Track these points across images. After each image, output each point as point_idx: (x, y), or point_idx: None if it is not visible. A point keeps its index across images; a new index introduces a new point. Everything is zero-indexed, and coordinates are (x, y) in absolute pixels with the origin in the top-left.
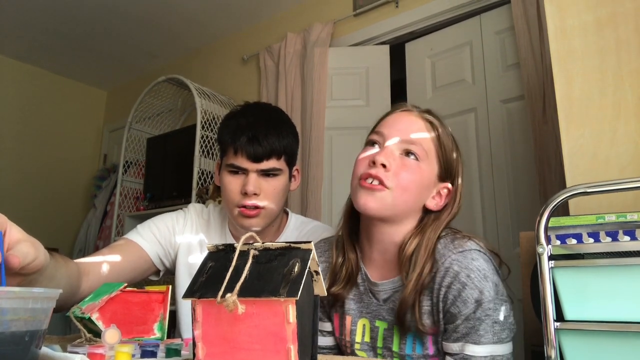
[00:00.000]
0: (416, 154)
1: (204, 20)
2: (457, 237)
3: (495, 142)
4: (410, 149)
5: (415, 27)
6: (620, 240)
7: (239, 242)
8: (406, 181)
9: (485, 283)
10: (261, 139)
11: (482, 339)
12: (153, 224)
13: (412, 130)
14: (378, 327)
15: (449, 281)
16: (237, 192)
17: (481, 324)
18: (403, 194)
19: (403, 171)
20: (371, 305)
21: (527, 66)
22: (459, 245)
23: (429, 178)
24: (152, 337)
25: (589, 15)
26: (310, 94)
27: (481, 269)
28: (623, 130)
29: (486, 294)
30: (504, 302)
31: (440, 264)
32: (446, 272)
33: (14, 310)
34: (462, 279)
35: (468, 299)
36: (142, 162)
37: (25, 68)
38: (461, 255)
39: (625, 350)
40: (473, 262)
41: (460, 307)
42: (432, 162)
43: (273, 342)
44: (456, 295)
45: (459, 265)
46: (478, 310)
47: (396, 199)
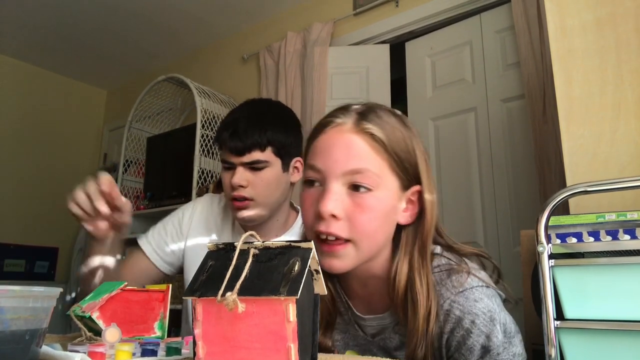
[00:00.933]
0: (366, 185)
1: (204, 19)
2: (454, 269)
3: (495, 141)
4: (357, 180)
5: (415, 26)
6: (621, 239)
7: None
8: (366, 225)
9: (492, 327)
10: (241, 134)
11: None
12: (161, 227)
13: (351, 157)
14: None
15: (450, 327)
16: (228, 186)
17: None
18: (368, 239)
19: (358, 214)
20: (358, 338)
21: (527, 65)
22: (458, 284)
23: (391, 200)
24: (152, 336)
25: (589, 15)
26: (311, 93)
27: (486, 312)
28: (623, 129)
29: (494, 340)
30: (513, 337)
31: (439, 306)
32: (447, 317)
33: (14, 309)
34: (465, 326)
35: (474, 346)
36: (142, 161)
37: (25, 67)
38: (462, 297)
39: (625, 349)
40: (476, 304)
41: (467, 355)
42: (389, 179)
43: (273, 341)
44: (460, 342)
45: (461, 310)
46: (486, 357)
47: (362, 248)
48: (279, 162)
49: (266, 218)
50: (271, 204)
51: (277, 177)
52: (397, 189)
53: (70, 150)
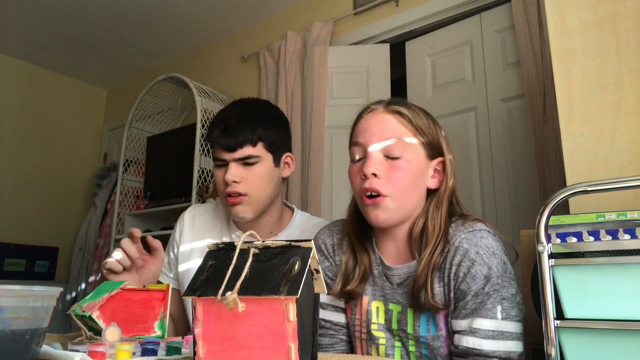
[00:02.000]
0: (398, 154)
1: (204, 18)
2: (468, 219)
3: (495, 140)
4: (391, 151)
5: (415, 25)
6: (621, 238)
7: (244, 232)
8: (401, 182)
9: (493, 259)
10: (232, 130)
11: (490, 312)
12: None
13: (385, 130)
14: (392, 310)
15: (459, 259)
16: (222, 183)
17: (489, 298)
18: (403, 194)
19: (394, 173)
20: (385, 289)
21: (528, 65)
22: (469, 226)
23: (420, 165)
24: (152, 335)
25: (589, 14)
26: (311, 93)
27: (489, 247)
28: (623, 129)
29: (494, 269)
30: (512, 280)
31: (452, 244)
32: (456, 251)
33: (15, 308)
34: (471, 256)
35: (477, 274)
36: (143, 161)
37: (25, 66)
38: (470, 234)
39: (625, 348)
40: (482, 240)
41: (470, 283)
42: (416, 148)
43: (273, 340)
44: (466, 272)
45: (468, 243)
46: (486, 285)
47: (399, 201)
48: (270, 157)
49: (260, 213)
50: (265, 198)
51: (270, 171)
52: (424, 156)
53: (70, 150)
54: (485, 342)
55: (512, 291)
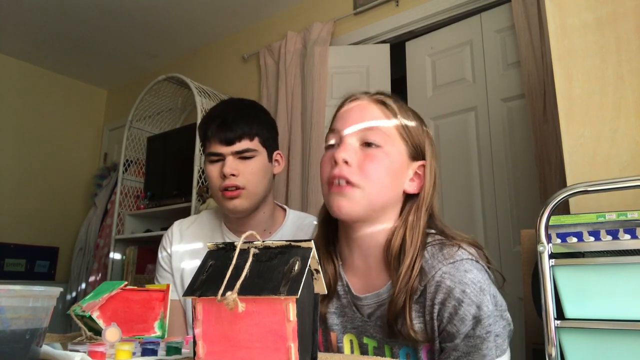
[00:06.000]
0: (376, 142)
1: (204, 19)
2: (446, 244)
3: (495, 140)
4: (369, 137)
5: (415, 25)
6: (621, 238)
7: (237, 235)
8: (374, 173)
9: (482, 297)
10: (230, 123)
11: (487, 357)
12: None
13: (366, 118)
14: (367, 345)
15: (442, 297)
16: (217, 177)
17: (483, 342)
18: (374, 186)
19: (367, 162)
20: (355, 320)
21: (528, 65)
22: (449, 256)
23: (399, 161)
24: (152, 335)
25: (589, 14)
26: (311, 93)
27: (476, 282)
28: (623, 129)
29: (485, 309)
30: (503, 311)
31: (430, 277)
32: (438, 288)
33: (15, 308)
34: (456, 295)
35: (466, 316)
36: (143, 161)
37: (25, 67)
38: (452, 267)
39: (625, 348)
40: (467, 274)
41: (458, 325)
42: (397, 142)
43: (273, 340)
44: (452, 313)
45: (452, 280)
46: (477, 327)
47: (369, 195)
48: (264, 152)
49: (254, 208)
50: (260, 192)
51: (265, 166)
52: (405, 154)
53: (70, 150)
54: None
55: (503, 323)
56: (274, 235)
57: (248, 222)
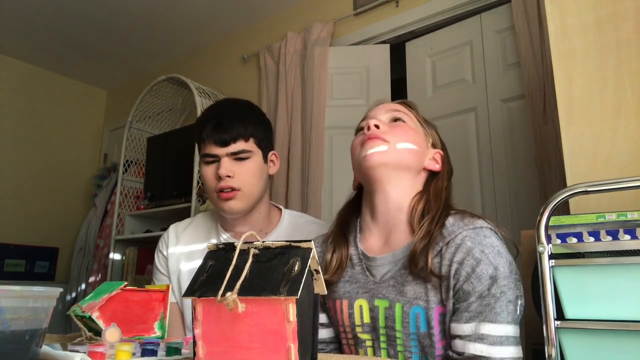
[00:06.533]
0: (403, 118)
1: (204, 19)
2: (466, 215)
3: (495, 141)
4: (396, 115)
5: (415, 26)
6: (621, 239)
7: (233, 236)
8: (402, 135)
9: (499, 259)
10: (225, 124)
11: (499, 317)
12: (156, 272)
13: (393, 107)
14: (378, 307)
15: (461, 257)
16: (212, 179)
17: (497, 301)
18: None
19: (395, 128)
20: (368, 284)
21: (528, 65)
22: (470, 223)
23: (421, 138)
24: (152, 336)
25: (589, 15)
26: (311, 93)
27: (494, 245)
28: (623, 129)
29: (501, 269)
30: (518, 280)
31: (451, 240)
32: (458, 248)
33: (15, 309)
34: (476, 255)
35: (483, 274)
36: (143, 162)
37: (25, 67)
38: (473, 232)
39: (626, 349)
40: (486, 238)
41: (475, 283)
42: (419, 130)
43: (273, 340)
44: (470, 271)
45: (472, 241)
46: (493, 286)
47: (397, 149)
48: (260, 153)
49: (250, 209)
50: (255, 194)
51: (260, 167)
52: (425, 140)
53: (70, 150)
54: (494, 350)
55: (517, 293)
56: (270, 236)
57: (244, 222)
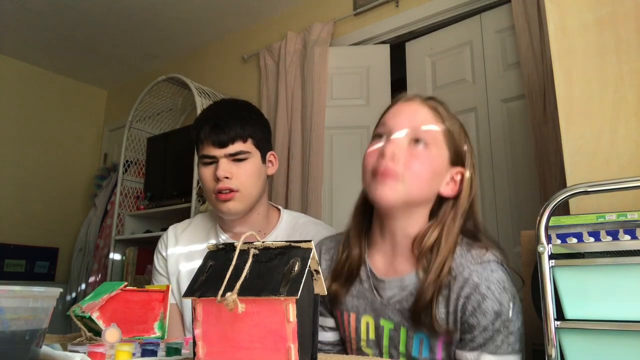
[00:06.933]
0: (424, 140)
1: (204, 19)
2: (474, 246)
3: (495, 141)
4: (418, 136)
5: (415, 26)
6: (621, 239)
7: (232, 237)
8: (418, 170)
9: (504, 295)
10: (223, 125)
11: (499, 349)
12: (155, 273)
13: (417, 118)
14: (383, 327)
15: (468, 292)
16: (211, 180)
17: (498, 335)
18: (416, 182)
19: (413, 160)
20: (375, 303)
21: (528, 65)
22: (478, 257)
23: (440, 164)
24: (152, 336)
25: (589, 15)
26: (311, 94)
27: (500, 281)
28: (623, 129)
29: (505, 305)
30: (520, 313)
31: (459, 274)
32: (465, 283)
33: (15, 309)
34: (482, 291)
35: (488, 310)
36: (143, 162)
37: (25, 67)
38: (480, 267)
39: (626, 349)
40: (493, 274)
41: (480, 318)
42: (442, 147)
43: (273, 340)
44: (475, 306)
45: (479, 277)
46: (497, 321)
47: (410, 188)
48: (258, 154)
49: (249, 210)
50: (254, 195)
51: (258, 168)
52: (446, 160)
53: (70, 150)
54: None
55: (518, 324)
56: (268, 236)
57: (242, 223)
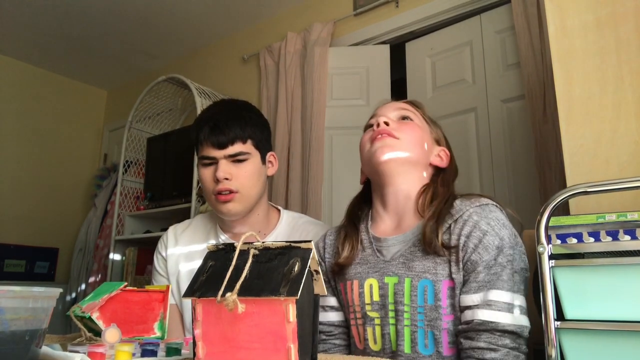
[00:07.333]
0: (410, 117)
1: (204, 19)
2: (473, 195)
3: (495, 141)
4: (404, 113)
5: (415, 26)
6: (621, 239)
7: (232, 237)
8: (410, 133)
9: (504, 230)
10: (222, 127)
11: (506, 284)
12: (155, 273)
13: (400, 106)
14: (387, 284)
15: (468, 230)
16: (210, 181)
17: (503, 270)
18: (410, 141)
19: (403, 127)
20: (378, 264)
21: (528, 66)
22: (476, 201)
23: (428, 135)
24: (152, 336)
25: (589, 15)
26: (311, 94)
27: (500, 219)
28: (623, 129)
29: (506, 239)
30: (523, 253)
31: (459, 217)
32: (465, 222)
33: (14, 309)
34: (482, 227)
35: (489, 245)
36: (143, 162)
37: (25, 67)
38: (479, 208)
39: (626, 350)
40: (492, 212)
41: (482, 253)
42: (425, 128)
43: (273, 341)
44: (477, 242)
45: (479, 216)
46: (499, 256)
47: (407, 145)
48: (258, 155)
49: (249, 211)
50: (254, 196)
51: (258, 168)
52: (431, 137)
53: (70, 150)
54: (501, 315)
55: (522, 265)
56: (268, 237)
57: (242, 224)
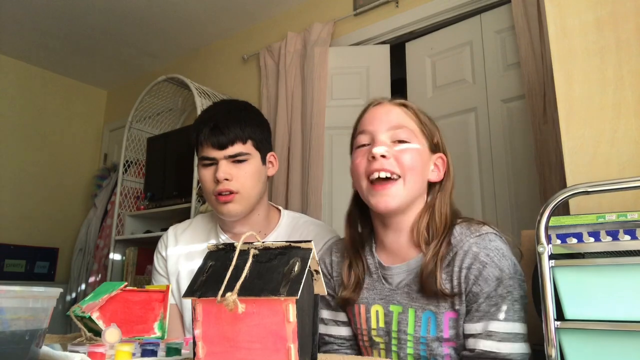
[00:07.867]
0: (406, 139)
1: (204, 19)
2: (472, 223)
3: (495, 141)
4: (399, 135)
5: (415, 26)
6: (621, 239)
7: (232, 237)
8: (409, 162)
9: (504, 261)
10: (222, 127)
11: (506, 315)
12: (155, 273)
13: (392, 118)
14: (392, 312)
15: (469, 262)
16: (211, 182)
17: (503, 300)
18: (412, 176)
19: (402, 155)
20: (384, 291)
21: (528, 65)
22: (476, 230)
23: (424, 153)
24: (152, 336)
25: (589, 15)
26: (311, 94)
27: (499, 249)
28: (623, 129)
29: (506, 271)
30: (522, 281)
31: (459, 249)
32: (465, 255)
33: (15, 309)
34: (482, 259)
35: (489, 277)
36: (143, 162)
37: (25, 67)
38: (479, 238)
39: (626, 350)
40: (491, 242)
41: (482, 285)
42: (421, 138)
43: (273, 341)
44: (477, 274)
45: (478, 247)
46: (499, 287)
47: (408, 185)
48: (258, 155)
49: (249, 211)
50: (254, 196)
51: (258, 169)
52: (427, 148)
53: (70, 150)
54: (502, 345)
55: (522, 292)
56: (269, 237)
57: (243, 224)
